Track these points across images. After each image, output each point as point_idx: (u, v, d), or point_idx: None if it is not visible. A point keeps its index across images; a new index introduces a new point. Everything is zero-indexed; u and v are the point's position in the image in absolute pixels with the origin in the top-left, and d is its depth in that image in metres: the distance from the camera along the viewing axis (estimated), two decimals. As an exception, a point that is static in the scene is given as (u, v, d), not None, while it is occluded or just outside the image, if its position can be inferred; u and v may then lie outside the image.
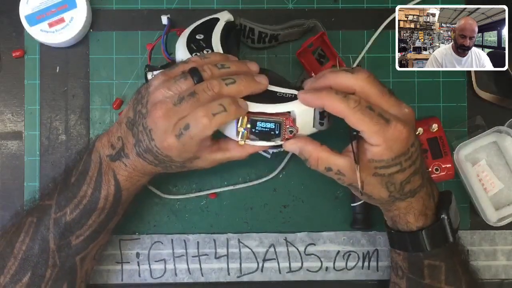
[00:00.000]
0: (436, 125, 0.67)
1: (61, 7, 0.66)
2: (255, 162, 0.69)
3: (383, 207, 0.59)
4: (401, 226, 0.59)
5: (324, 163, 0.54)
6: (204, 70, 0.54)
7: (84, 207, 0.57)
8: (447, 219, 0.57)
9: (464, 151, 0.69)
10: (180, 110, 0.52)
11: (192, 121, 0.51)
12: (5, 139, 0.69)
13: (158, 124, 0.52)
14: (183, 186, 0.69)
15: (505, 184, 0.69)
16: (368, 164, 0.52)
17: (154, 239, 0.69)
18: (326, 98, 0.51)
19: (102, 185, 0.57)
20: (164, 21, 0.67)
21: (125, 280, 0.69)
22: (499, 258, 0.70)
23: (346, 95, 0.50)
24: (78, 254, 0.59)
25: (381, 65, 0.70)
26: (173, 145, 0.52)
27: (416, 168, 0.54)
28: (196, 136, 0.52)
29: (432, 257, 0.58)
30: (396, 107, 0.52)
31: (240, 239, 0.69)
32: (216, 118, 0.51)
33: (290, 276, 0.69)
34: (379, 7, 0.71)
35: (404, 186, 0.54)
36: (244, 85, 0.54)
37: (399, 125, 0.51)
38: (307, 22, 0.67)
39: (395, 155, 0.52)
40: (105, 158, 0.57)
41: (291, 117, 0.54)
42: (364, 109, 0.50)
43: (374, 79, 0.52)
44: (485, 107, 0.70)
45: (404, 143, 0.51)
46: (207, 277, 0.69)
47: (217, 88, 0.52)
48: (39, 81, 0.69)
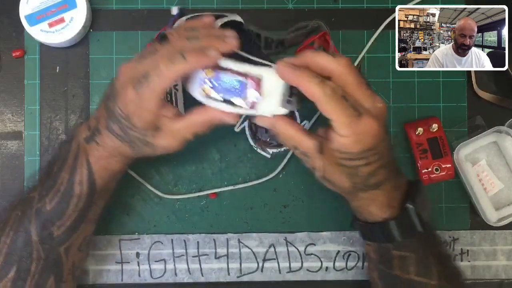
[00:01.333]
0: (436, 125, 0.67)
1: (61, 7, 0.66)
2: (255, 162, 0.69)
3: (347, 196, 0.58)
4: (365, 216, 0.58)
5: (292, 141, 0.53)
6: (172, 34, 0.53)
7: (62, 194, 0.57)
8: (414, 209, 0.56)
9: (464, 151, 0.69)
10: (140, 65, 0.51)
11: (151, 70, 0.50)
12: (5, 139, 0.69)
13: (120, 81, 0.52)
14: (183, 186, 0.70)
15: (505, 184, 0.69)
16: (334, 153, 0.51)
17: (154, 239, 0.69)
18: (303, 78, 0.49)
19: (77, 169, 0.56)
20: (174, 12, 0.67)
21: (125, 280, 0.69)
22: (499, 258, 0.70)
23: (323, 80, 0.49)
24: (61, 245, 0.58)
25: (381, 65, 0.70)
26: (132, 98, 0.51)
27: (383, 162, 0.53)
28: (154, 85, 0.50)
29: (401, 248, 0.57)
30: (370, 100, 0.51)
31: (240, 239, 0.69)
32: (174, 66, 0.50)
33: (290, 276, 0.69)
34: (379, 7, 0.71)
35: (368, 178, 0.53)
36: (207, 41, 0.52)
37: (371, 120, 0.50)
38: (311, 23, 0.67)
39: (363, 149, 0.51)
40: (82, 142, 0.57)
41: (258, 81, 0.52)
42: (339, 98, 0.49)
43: (353, 68, 0.51)
44: (485, 107, 0.70)
45: (373, 139, 0.51)
46: (207, 277, 0.69)
47: (177, 42, 0.51)
48: (39, 81, 0.69)
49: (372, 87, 0.52)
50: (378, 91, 0.70)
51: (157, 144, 0.55)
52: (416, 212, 0.56)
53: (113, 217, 0.69)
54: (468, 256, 0.70)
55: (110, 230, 0.69)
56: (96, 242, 0.68)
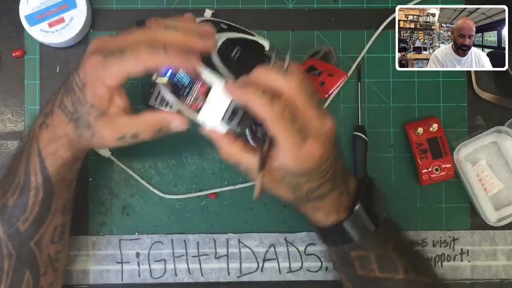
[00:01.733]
0: (436, 125, 0.67)
1: (61, 7, 0.66)
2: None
3: (292, 205, 0.58)
4: (313, 222, 0.58)
5: (233, 158, 0.53)
6: (149, 20, 0.52)
7: (21, 188, 0.56)
8: (362, 210, 0.56)
9: (464, 151, 0.69)
10: (116, 40, 0.50)
11: (131, 48, 0.48)
12: (5, 139, 0.69)
13: (90, 50, 0.51)
14: (183, 186, 0.69)
15: (505, 184, 0.69)
16: (275, 170, 0.51)
17: (154, 239, 0.69)
18: (252, 95, 0.48)
19: (30, 158, 0.55)
20: (207, 14, 0.68)
21: (125, 280, 0.69)
22: (499, 258, 0.70)
23: (273, 99, 0.48)
24: (30, 240, 0.57)
25: (381, 65, 0.70)
26: (96, 64, 0.49)
27: (327, 178, 0.53)
28: (125, 64, 0.48)
29: (357, 249, 0.57)
30: (318, 121, 0.50)
31: (240, 239, 0.69)
32: (153, 56, 0.48)
33: (290, 276, 0.69)
34: (379, 7, 0.71)
35: (311, 193, 0.54)
36: (185, 37, 0.50)
37: (315, 144, 0.49)
38: (323, 48, 0.67)
39: (304, 171, 0.51)
40: (36, 128, 0.55)
41: (206, 88, 0.52)
42: (287, 119, 0.48)
43: (304, 87, 0.49)
44: (485, 107, 0.70)
45: (315, 162, 0.50)
46: (207, 277, 0.69)
47: (155, 30, 0.50)
48: (39, 81, 0.69)
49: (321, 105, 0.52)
50: (378, 91, 0.70)
51: (96, 129, 0.52)
52: (367, 212, 0.56)
53: (113, 217, 0.69)
54: (468, 256, 0.70)
55: (110, 230, 0.69)
56: (96, 242, 0.69)
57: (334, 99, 0.69)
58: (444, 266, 0.70)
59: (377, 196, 0.59)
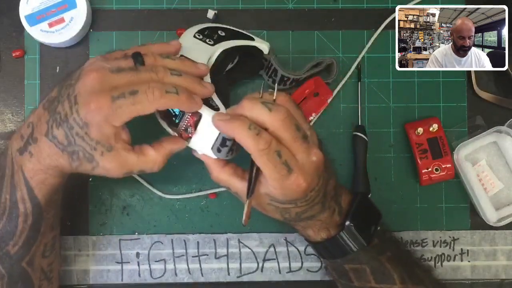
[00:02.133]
0: (436, 125, 0.67)
1: (61, 7, 0.66)
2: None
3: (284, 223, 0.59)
4: (305, 237, 0.59)
5: (222, 183, 0.55)
6: (147, 55, 0.52)
7: (8, 214, 0.54)
8: (351, 226, 0.56)
9: (464, 151, 0.69)
10: (117, 78, 0.49)
11: (143, 88, 0.48)
12: (5, 139, 0.69)
13: (88, 86, 0.48)
14: (183, 186, 0.69)
15: (505, 184, 0.69)
16: (263, 195, 0.53)
17: (154, 239, 0.69)
18: (238, 129, 0.49)
19: (16, 186, 0.53)
20: (209, 15, 0.68)
21: (125, 280, 0.69)
22: (499, 258, 0.70)
23: (259, 132, 0.49)
24: (22, 260, 0.56)
25: (381, 65, 0.70)
26: (104, 106, 0.48)
27: (316, 202, 0.54)
28: (139, 104, 0.48)
29: (351, 262, 0.58)
30: (304, 154, 0.51)
31: (240, 239, 0.69)
32: (167, 96, 0.49)
33: (290, 276, 0.69)
34: (379, 7, 0.71)
35: (300, 215, 0.55)
36: (189, 82, 0.52)
37: (300, 178, 0.50)
38: (325, 60, 0.67)
39: (290, 200, 0.52)
40: (16, 154, 0.53)
41: (196, 118, 0.53)
42: (272, 154, 0.49)
43: (290, 122, 0.50)
44: (485, 107, 0.70)
45: (300, 194, 0.51)
46: (207, 277, 0.69)
47: (161, 73, 0.50)
48: (39, 81, 0.69)
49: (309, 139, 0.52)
50: (378, 91, 0.70)
51: (101, 164, 0.51)
52: (358, 227, 0.56)
53: (113, 217, 0.69)
54: (468, 256, 0.70)
55: (110, 230, 0.69)
56: (96, 242, 0.69)
57: (334, 99, 0.69)
58: (444, 266, 0.70)
59: (370, 211, 0.60)
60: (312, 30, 0.70)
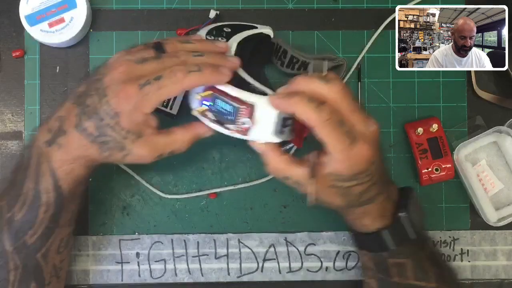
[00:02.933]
0: (436, 125, 0.67)
1: (61, 7, 0.66)
2: (255, 162, 0.69)
3: (341, 212, 0.59)
4: (359, 228, 0.59)
5: (281, 173, 0.54)
6: (167, 43, 0.54)
7: (30, 204, 0.55)
8: (406, 217, 0.57)
9: (464, 151, 0.69)
10: (142, 68, 0.51)
11: (166, 73, 0.50)
12: (5, 139, 0.69)
13: (116, 78, 0.51)
14: (183, 186, 0.69)
15: (505, 184, 0.69)
16: (326, 176, 0.52)
17: (154, 239, 0.69)
18: (298, 104, 0.50)
19: (40, 177, 0.54)
20: (212, 15, 0.68)
21: (125, 280, 0.69)
22: (499, 258, 0.70)
23: (319, 105, 0.49)
24: (37, 252, 0.57)
25: (381, 65, 0.70)
26: (132, 94, 0.50)
27: (376, 179, 0.54)
28: (164, 88, 0.50)
29: (396, 256, 0.58)
30: (363, 124, 0.51)
31: (240, 239, 0.69)
32: (190, 76, 0.51)
33: (290, 276, 0.69)
34: (379, 7, 0.71)
35: (361, 196, 0.54)
36: (211, 58, 0.53)
37: (364, 146, 0.51)
38: (338, 59, 0.66)
39: (355, 173, 0.52)
40: (43, 146, 0.54)
41: (251, 109, 0.53)
42: (335, 123, 0.49)
43: (347, 92, 0.51)
44: (485, 107, 0.70)
45: (365, 163, 0.52)
46: (207, 277, 0.69)
47: (183, 56, 0.52)
48: (39, 81, 0.69)
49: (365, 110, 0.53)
50: (378, 91, 0.70)
51: (133, 151, 0.53)
52: (409, 219, 0.57)
53: (113, 217, 0.69)
54: (468, 256, 0.70)
55: (110, 230, 0.69)
56: (96, 242, 0.69)
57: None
58: (444, 266, 0.70)
59: (417, 204, 0.60)
60: (312, 30, 0.70)
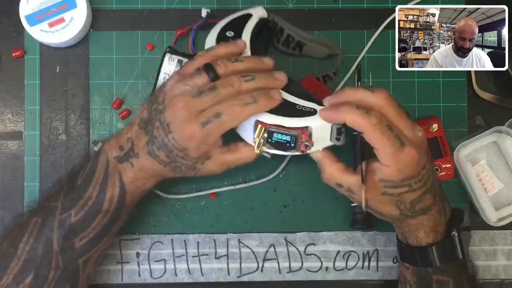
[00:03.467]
0: (436, 125, 0.67)
1: (61, 7, 0.66)
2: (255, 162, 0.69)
3: (395, 223, 0.60)
4: (411, 241, 0.59)
5: (335, 179, 0.56)
6: (218, 65, 0.55)
7: (89, 209, 0.57)
8: (458, 236, 0.58)
9: (464, 151, 0.69)
10: (200, 102, 0.53)
11: (224, 109, 0.53)
12: (5, 139, 0.69)
13: (178, 116, 0.53)
14: (183, 186, 0.69)
15: (505, 184, 0.69)
16: (378, 183, 0.54)
17: (154, 239, 0.69)
18: (348, 112, 0.52)
19: (108, 187, 0.57)
20: (203, 14, 0.68)
21: (125, 280, 0.69)
22: (499, 258, 0.70)
23: (368, 111, 0.52)
24: (81, 257, 0.59)
25: (381, 65, 0.70)
26: (197, 134, 0.53)
27: (427, 188, 0.55)
28: (225, 124, 0.53)
29: (440, 273, 0.58)
30: (410, 130, 0.54)
31: (240, 239, 0.69)
32: (247, 108, 0.53)
33: (290, 276, 0.69)
34: (379, 7, 0.71)
35: (415, 205, 0.55)
36: (263, 82, 0.55)
37: (413, 150, 0.52)
38: (334, 46, 0.67)
39: (405, 178, 0.53)
40: (113, 160, 0.58)
41: (308, 132, 0.55)
42: (384, 127, 0.51)
43: (392, 100, 0.53)
44: (485, 107, 0.70)
45: (414, 167, 0.53)
46: (207, 277, 0.69)
47: (237, 84, 0.54)
48: (39, 81, 0.69)
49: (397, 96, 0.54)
50: (378, 91, 0.70)
51: (204, 169, 0.58)
52: (459, 239, 0.58)
53: (113, 217, 0.69)
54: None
55: (110, 230, 0.69)
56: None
57: (334, 99, 0.69)
58: (444, 266, 0.70)
59: (465, 227, 0.60)
60: (312, 30, 0.70)
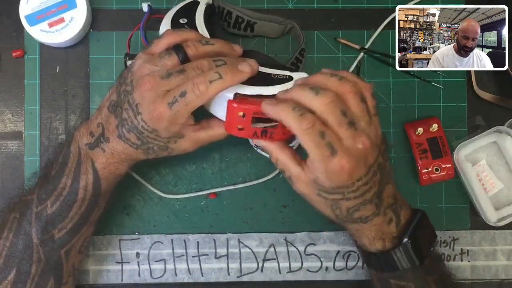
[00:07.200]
0: (436, 125, 0.67)
1: (61, 7, 0.66)
2: (255, 162, 0.69)
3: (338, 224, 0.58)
4: (360, 244, 0.59)
5: (280, 164, 0.55)
6: (188, 46, 0.54)
7: (64, 198, 0.57)
8: (409, 243, 0.56)
9: (464, 151, 0.69)
10: (168, 84, 0.52)
11: (189, 88, 0.52)
12: (5, 139, 0.69)
13: (146, 96, 0.52)
14: (183, 186, 0.70)
15: (505, 184, 0.69)
16: (312, 183, 0.52)
17: (154, 239, 0.69)
18: (282, 111, 0.50)
19: (81, 175, 0.57)
20: (145, 9, 0.67)
21: (125, 280, 0.69)
22: (499, 258, 0.70)
23: (303, 114, 0.49)
24: (62, 248, 0.58)
25: (381, 65, 0.70)
26: (165, 114, 0.52)
27: (366, 199, 0.53)
28: (191, 103, 0.52)
29: (397, 278, 0.58)
30: (350, 140, 0.50)
31: (240, 239, 0.69)
32: (213, 85, 0.52)
33: (290, 276, 0.69)
34: (379, 7, 0.71)
35: (352, 213, 0.54)
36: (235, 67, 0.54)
37: (344, 160, 0.49)
38: (286, 21, 0.67)
39: (336, 186, 0.51)
40: (84, 147, 0.57)
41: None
42: (315, 134, 0.49)
43: (334, 106, 0.50)
44: (485, 107, 0.70)
45: (344, 178, 0.50)
46: (207, 277, 0.69)
47: (206, 68, 0.53)
48: (39, 81, 0.69)
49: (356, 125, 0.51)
50: (378, 91, 0.70)
51: (177, 148, 0.57)
52: (415, 245, 0.56)
53: (113, 217, 0.69)
54: (468, 256, 0.70)
55: (110, 230, 0.69)
56: (96, 242, 0.69)
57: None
58: (444, 266, 0.70)
59: (427, 230, 0.59)
60: (312, 30, 0.70)
